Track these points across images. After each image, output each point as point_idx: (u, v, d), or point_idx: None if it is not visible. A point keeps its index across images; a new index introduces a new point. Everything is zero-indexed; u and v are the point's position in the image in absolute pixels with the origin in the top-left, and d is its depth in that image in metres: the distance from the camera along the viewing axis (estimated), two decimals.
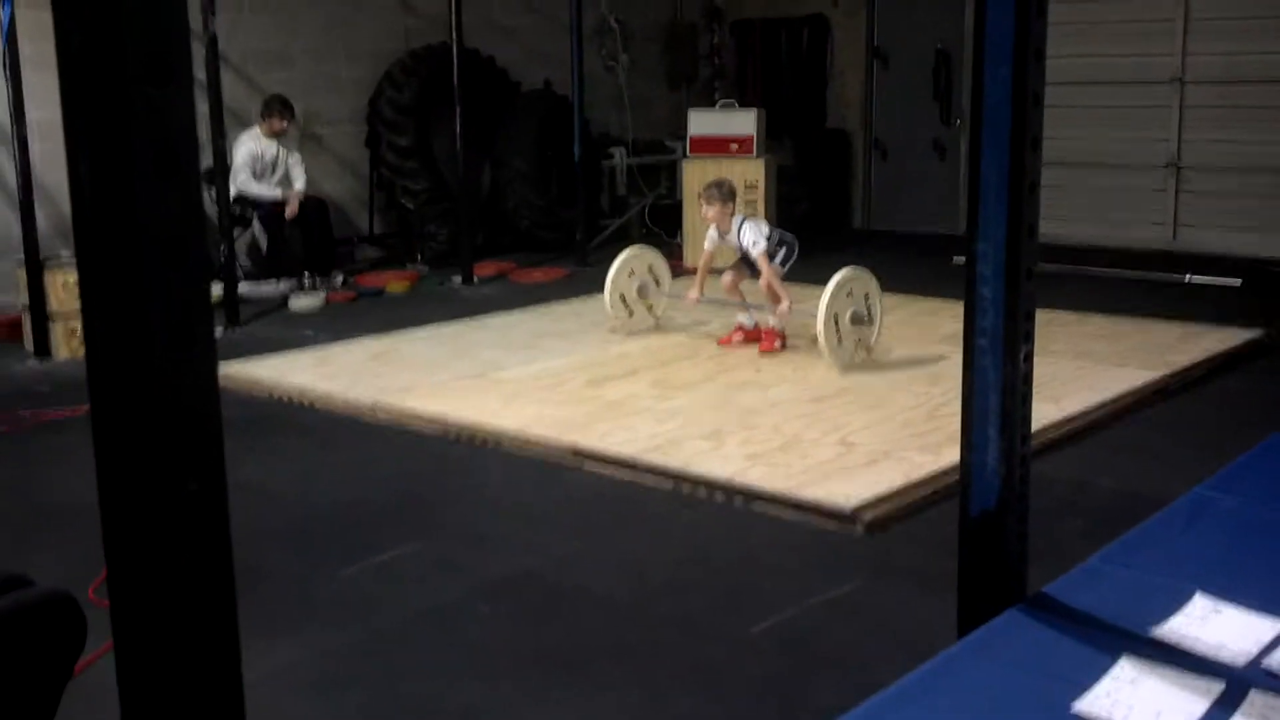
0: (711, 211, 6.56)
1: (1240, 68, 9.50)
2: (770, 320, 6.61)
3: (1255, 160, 9.49)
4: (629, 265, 7.08)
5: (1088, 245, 9.46)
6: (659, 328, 7.20)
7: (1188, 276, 8.59)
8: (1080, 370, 5.93)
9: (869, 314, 6.19)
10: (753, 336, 6.69)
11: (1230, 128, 9.62)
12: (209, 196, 7.70)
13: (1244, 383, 6.04)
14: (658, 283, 7.21)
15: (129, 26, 0.98)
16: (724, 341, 6.74)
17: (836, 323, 6.04)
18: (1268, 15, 9.32)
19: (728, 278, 6.75)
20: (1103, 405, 5.49)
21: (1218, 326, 6.90)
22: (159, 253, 1.01)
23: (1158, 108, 9.94)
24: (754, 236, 6.48)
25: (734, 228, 6.57)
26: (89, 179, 0.99)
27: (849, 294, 6.10)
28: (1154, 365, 6.07)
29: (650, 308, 7.20)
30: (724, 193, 6.59)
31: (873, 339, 6.27)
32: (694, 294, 6.83)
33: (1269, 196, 9.39)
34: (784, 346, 6.58)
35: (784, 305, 6.41)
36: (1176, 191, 10.00)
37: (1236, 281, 8.46)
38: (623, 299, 7.05)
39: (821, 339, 5.99)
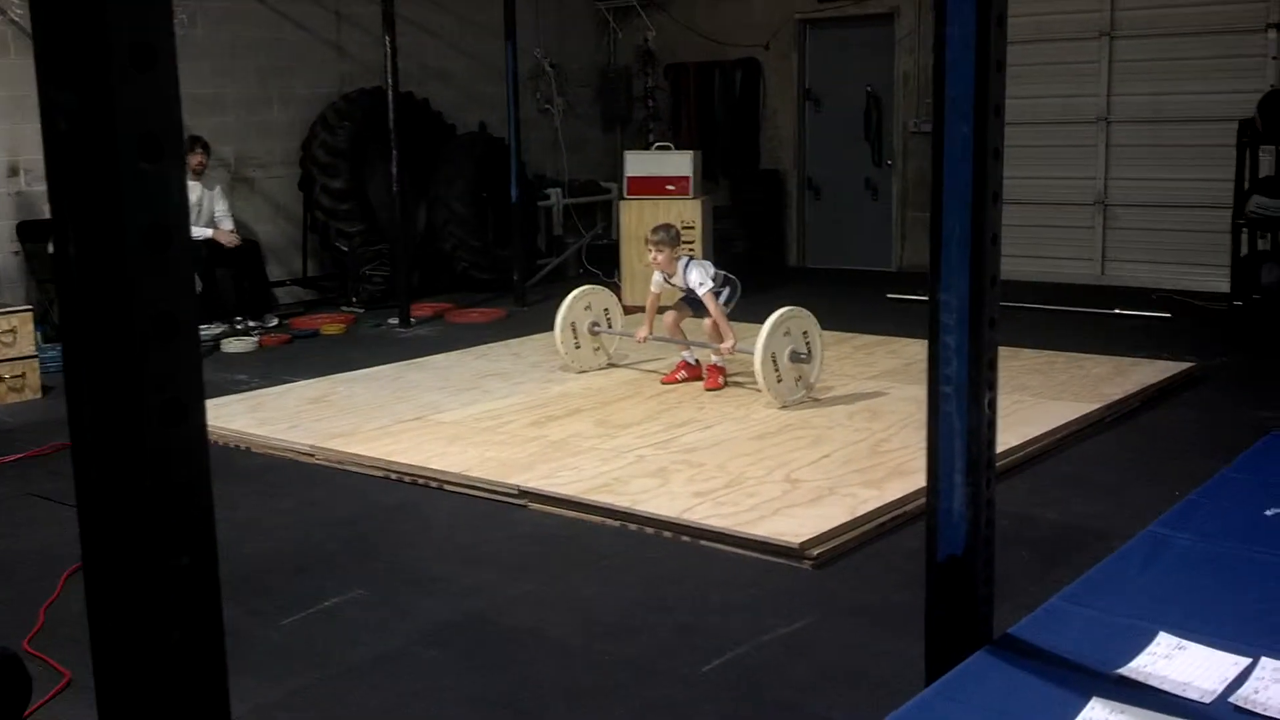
0: (661, 257, 6.58)
1: (1162, 107, 9.76)
2: (713, 358, 6.63)
3: (1178, 197, 9.74)
4: (583, 300, 7.08)
5: (1020, 280, 9.61)
6: (603, 367, 7.19)
7: (1116, 310, 8.75)
8: (1017, 404, 6.01)
9: (808, 352, 6.23)
10: (695, 374, 6.71)
11: (1154, 165, 9.86)
12: None
13: (1177, 414, 6.16)
14: (610, 323, 7.21)
15: (122, 103, 0.96)
16: (667, 380, 6.74)
17: (775, 361, 6.08)
18: (1187, 57, 9.59)
19: (670, 316, 6.77)
20: (1040, 438, 5.56)
21: (1149, 359, 7.03)
22: (151, 329, 0.98)
23: (1084, 146, 10.17)
24: (700, 277, 6.51)
25: (680, 270, 6.61)
26: (78, 256, 0.97)
27: (786, 332, 6.14)
28: (1089, 398, 6.17)
29: (599, 348, 7.19)
30: (671, 237, 6.63)
31: (813, 377, 6.31)
32: (642, 333, 6.84)
33: (1192, 231, 9.63)
34: (726, 383, 6.60)
35: (729, 343, 6.44)
36: (1104, 228, 10.21)
37: (1166, 314, 8.64)
38: (573, 332, 7.03)
39: (759, 377, 6.02)
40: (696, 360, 6.76)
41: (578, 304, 7.03)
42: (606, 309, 7.22)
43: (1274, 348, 7.33)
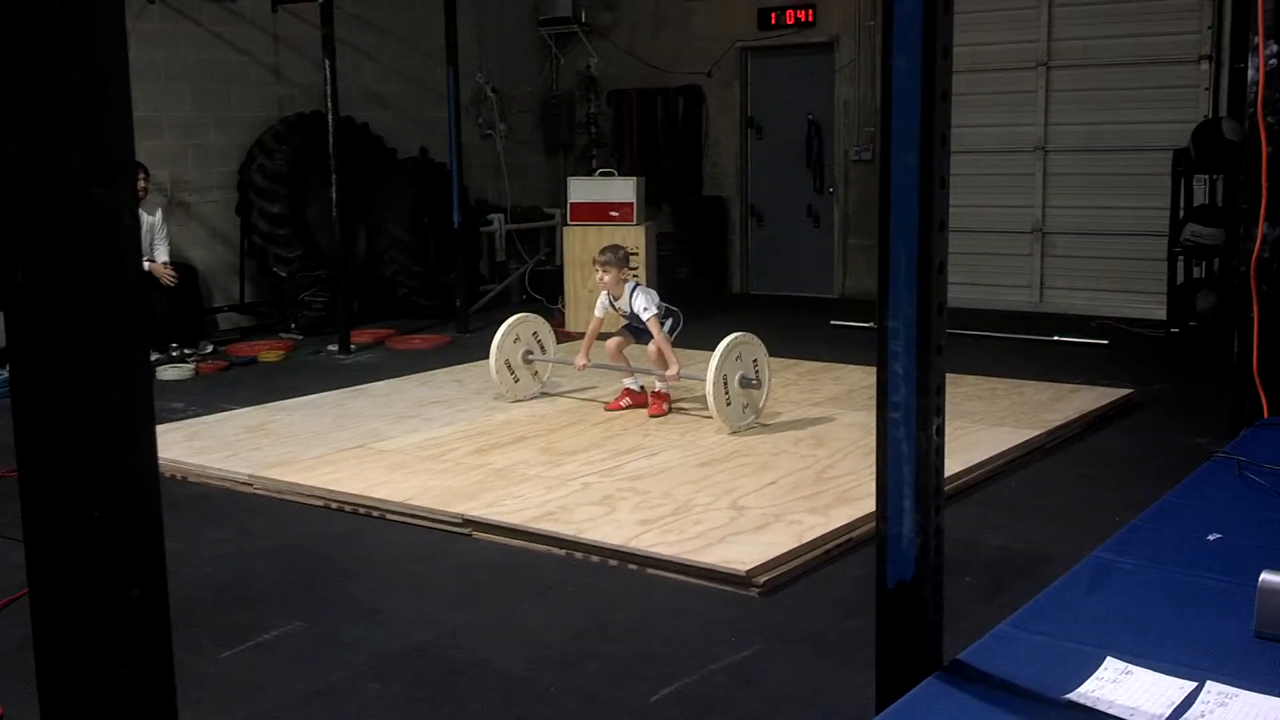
0: (608, 278, 6.60)
1: (1099, 137, 9.94)
2: (657, 384, 6.63)
3: (1115, 225, 9.91)
4: (513, 332, 7.05)
5: (960, 308, 9.71)
6: (545, 394, 7.17)
7: (1055, 337, 8.87)
8: (959, 430, 6.06)
9: (757, 378, 6.26)
10: (639, 401, 6.71)
11: (1091, 194, 10.04)
12: None
13: (1115, 440, 6.24)
14: (543, 349, 7.19)
15: (73, 126, 0.93)
16: (611, 406, 6.73)
17: (725, 385, 6.10)
18: (1123, 87, 9.79)
19: (612, 343, 6.76)
20: (983, 464, 5.61)
21: (1088, 385, 7.13)
22: (102, 356, 0.96)
23: (1023, 175, 10.33)
24: (645, 303, 6.54)
25: (626, 293, 6.62)
26: (27, 281, 0.94)
27: (738, 358, 6.17)
28: (1029, 424, 6.23)
29: (535, 374, 7.17)
30: (619, 258, 6.66)
31: (761, 402, 6.33)
32: (581, 360, 6.83)
33: (1129, 259, 9.80)
34: (670, 409, 6.60)
35: (673, 369, 6.45)
36: (1042, 255, 10.37)
37: (1104, 341, 8.77)
38: (508, 365, 7.01)
39: (710, 401, 6.04)
40: (641, 387, 6.75)
41: (506, 340, 6.99)
42: (536, 333, 7.18)
43: (1210, 374, 7.45)
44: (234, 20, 9.89)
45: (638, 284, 6.77)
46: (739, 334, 6.28)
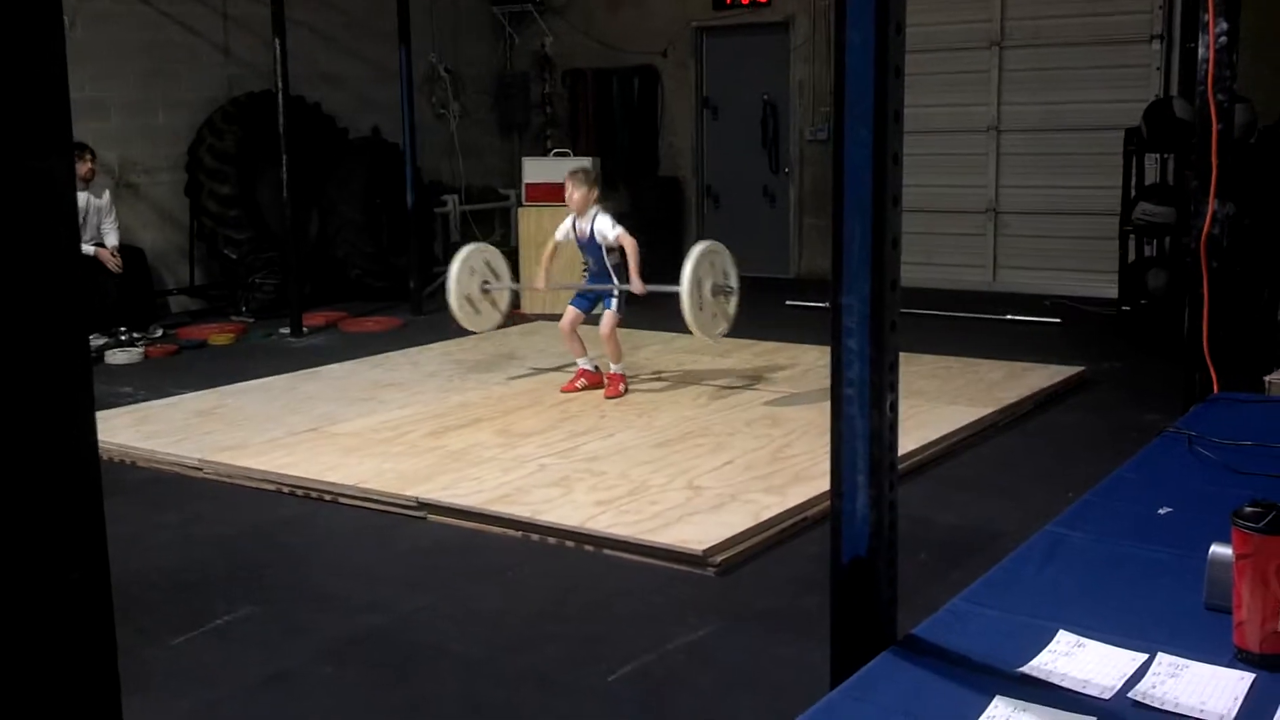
0: (578, 194, 6.50)
1: (1051, 116, 10.00)
2: (612, 366, 6.62)
3: (1068, 204, 9.98)
4: (468, 265, 6.98)
5: (914, 287, 9.75)
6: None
7: (1009, 316, 8.93)
8: (914, 409, 6.08)
9: (729, 285, 6.33)
10: (595, 381, 6.68)
11: (1044, 173, 10.11)
12: None
13: (1068, 417, 6.29)
14: (498, 276, 7.15)
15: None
16: (567, 388, 6.70)
17: (699, 293, 6.13)
18: (1075, 67, 9.84)
19: (566, 321, 6.71)
20: (937, 442, 5.64)
21: (1041, 364, 7.18)
22: (37, 333, 0.93)
23: (976, 155, 10.38)
24: (607, 226, 6.48)
25: (590, 216, 6.54)
26: None
27: (711, 264, 6.25)
28: (983, 402, 6.27)
29: (494, 303, 7.13)
30: (590, 179, 6.58)
31: (732, 310, 6.42)
32: (540, 281, 6.82)
33: (1081, 238, 9.87)
34: (627, 390, 6.58)
35: (637, 284, 6.43)
36: (995, 235, 10.43)
37: (1057, 320, 8.84)
38: (469, 300, 6.95)
39: (686, 309, 6.07)
40: (596, 367, 6.73)
41: (463, 274, 6.93)
42: (489, 262, 7.13)
43: (1161, 351, 7.53)
44: None
45: (600, 209, 6.63)
46: (709, 242, 6.38)
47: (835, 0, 1.78)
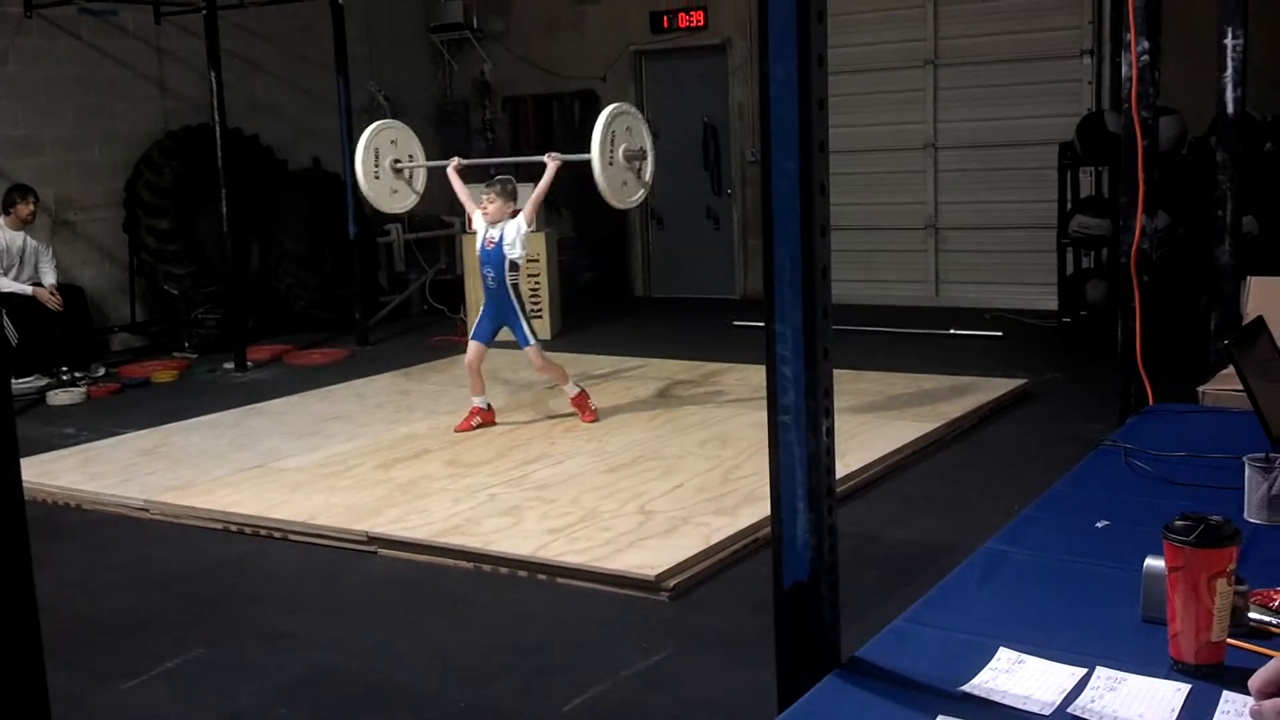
0: (492, 207, 6.38)
1: (986, 132, 10.14)
2: (568, 389, 6.58)
3: (1005, 218, 10.12)
4: (372, 145, 6.89)
5: (857, 304, 9.85)
6: (403, 211, 7.24)
7: (951, 331, 9.03)
8: (861, 425, 6.14)
9: (641, 149, 6.29)
10: (488, 419, 6.52)
11: (981, 189, 10.24)
12: None
13: (1012, 430, 6.37)
14: (411, 156, 7.08)
15: None
16: (461, 427, 6.43)
17: (611, 160, 6.12)
18: (1009, 83, 10.00)
19: (470, 357, 6.51)
20: (884, 459, 5.69)
21: (984, 377, 7.27)
22: None
23: (914, 172, 10.50)
24: (513, 237, 6.33)
25: (500, 227, 6.37)
26: None
27: (627, 129, 6.23)
28: (928, 417, 6.34)
29: (397, 190, 7.06)
30: (508, 191, 6.48)
31: (648, 175, 6.43)
32: (455, 161, 6.77)
33: (1020, 251, 10.01)
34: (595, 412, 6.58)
35: (550, 170, 6.44)
36: (936, 251, 10.55)
37: (998, 333, 8.95)
38: (375, 158, 6.86)
39: (599, 177, 6.06)
40: (489, 405, 6.57)
41: (368, 155, 6.85)
42: (395, 141, 7.04)
43: (1103, 362, 7.64)
44: (116, 33, 9.66)
45: (517, 215, 6.47)
46: (617, 104, 6.33)
47: (758, 33, 1.81)
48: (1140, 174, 3.40)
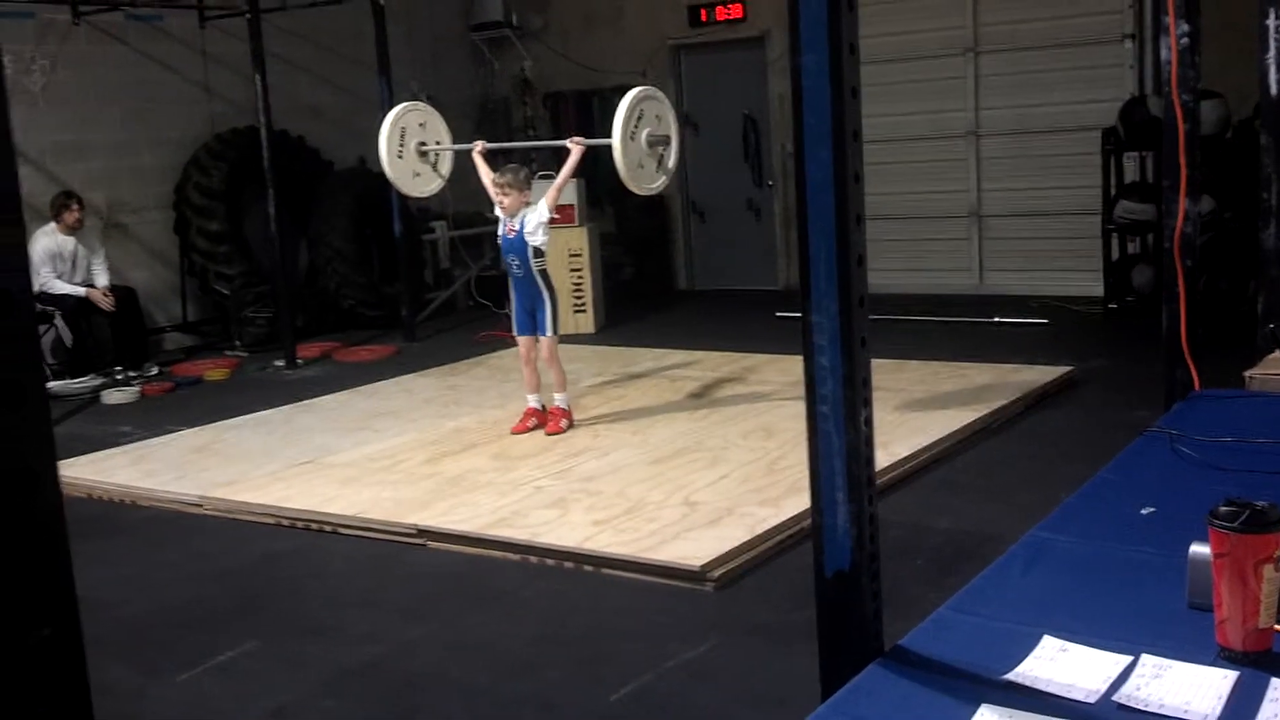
0: (507, 201, 6.25)
1: (1029, 119, 10.06)
2: (556, 398, 6.38)
3: (1049, 205, 10.03)
4: (398, 126, 6.76)
5: (901, 293, 9.82)
6: (427, 195, 7.09)
7: (996, 319, 8.97)
8: (904, 415, 6.13)
9: (665, 136, 6.09)
10: (542, 419, 6.39)
11: (1024, 176, 10.16)
12: None
13: (1058, 417, 6.33)
14: (438, 140, 6.93)
15: None
16: (518, 429, 6.35)
17: (634, 141, 5.95)
18: (1050, 69, 9.91)
19: (521, 350, 6.45)
20: (929, 448, 5.67)
21: (1029, 365, 7.22)
22: None
23: (956, 160, 10.43)
24: (534, 225, 6.23)
25: (520, 215, 6.28)
26: None
27: (653, 115, 6.04)
28: (973, 406, 6.30)
29: (435, 165, 6.92)
30: (520, 179, 6.34)
31: (671, 161, 6.21)
32: (479, 145, 6.68)
33: (1065, 238, 9.92)
34: (570, 426, 6.34)
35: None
36: (980, 238, 10.48)
37: (1044, 321, 8.88)
38: (400, 138, 6.74)
39: (620, 162, 5.88)
40: (543, 405, 6.45)
41: (393, 136, 6.70)
42: (423, 122, 6.90)
43: (1148, 348, 7.55)
44: (162, 39, 9.79)
45: (539, 202, 6.36)
46: (642, 88, 6.14)
47: (789, 23, 1.81)
48: (1182, 158, 3.37)
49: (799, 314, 1.89)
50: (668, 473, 5.44)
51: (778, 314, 9.55)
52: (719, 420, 6.37)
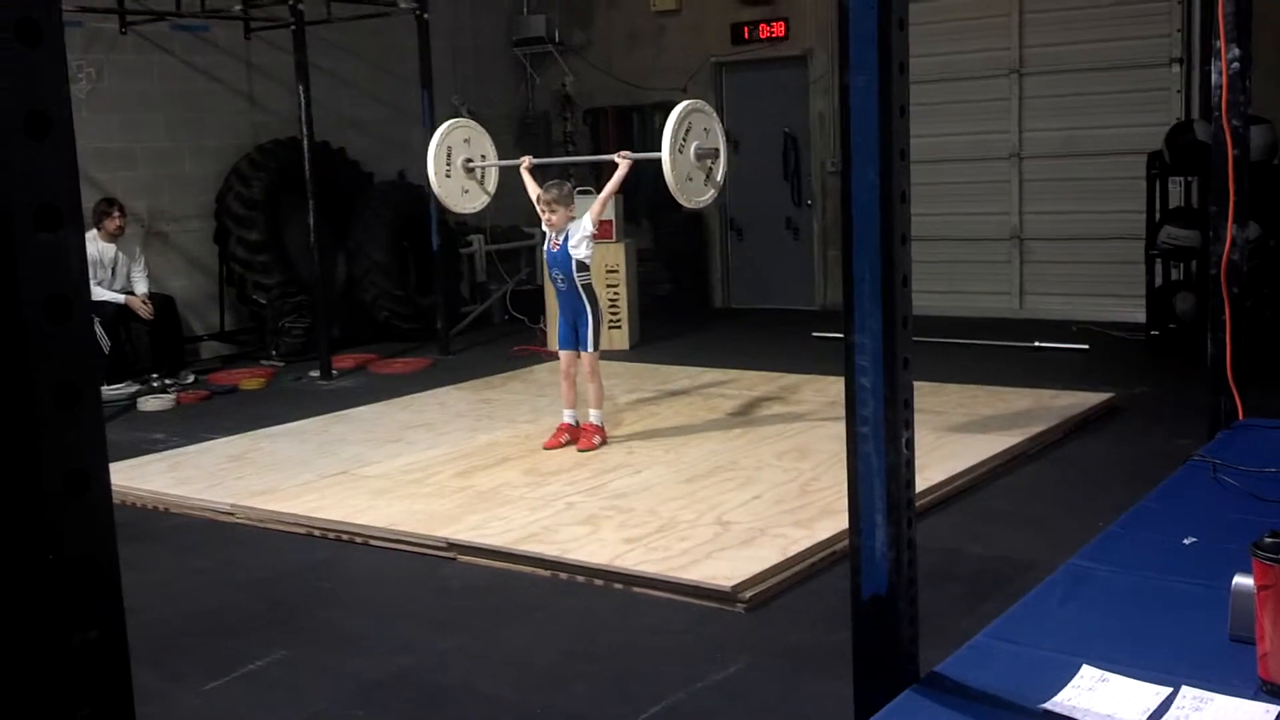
0: (555, 218, 6.24)
1: (1073, 142, 9.99)
2: (591, 414, 6.35)
3: (1092, 229, 9.95)
4: (445, 143, 6.78)
5: (940, 316, 9.75)
6: (473, 211, 7.12)
7: (1036, 343, 8.89)
8: (941, 440, 6.07)
9: (714, 150, 6.08)
10: (575, 435, 6.36)
11: (1067, 199, 10.08)
12: None
13: (1098, 444, 6.25)
14: (484, 156, 6.97)
15: (16, 173, 0.94)
16: (550, 444, 6.32)
17: (684, 154, 5.94)
18: (1095, 92, 9.84)
19: (562, 364, 6.44)
20: (965, 473, 5.61)
21: (1069, 390, 7.14)
22: (52, 400, 0.96)
23: (999, 182, 10.37)
24: (577, 239, 6.23)
25: (564, 231, 6.27)
26: None
27: (689, 129, 6.01)
28: (1012, 431, 6.24)
29: (468, 190, 6.95)
30: (565, 195, 6.33)
31: (720, 175, 6.20)
32: (528, 160, 6.69)
33: (1107, 263, 9.83)
34: (603, 443, 6.30)
35: (625, 165, 6.35)
36: (1021, 262, 10.41)
37: (1084, 346, 8.79)
38: (447, 158, 6.78)
39: (669, 175, 5.87)
40: (577, 422, 6.43)
41: (440, 153, 6.74)
42: (469, 140, 6.92)
43: (1191, 376, 7.48)
44: (207, 49, 9.89)
45: (575, 220, 6.34)
46: (690, 101, 6.14)
47: (839, 42, 1.80)
48: (1230, 184, 3.33)
49: (836, 334, 1.87)
50: (700, 492, 5.42)
51: (814, 334, 9.52)
52: (753, 440, 6.34)
